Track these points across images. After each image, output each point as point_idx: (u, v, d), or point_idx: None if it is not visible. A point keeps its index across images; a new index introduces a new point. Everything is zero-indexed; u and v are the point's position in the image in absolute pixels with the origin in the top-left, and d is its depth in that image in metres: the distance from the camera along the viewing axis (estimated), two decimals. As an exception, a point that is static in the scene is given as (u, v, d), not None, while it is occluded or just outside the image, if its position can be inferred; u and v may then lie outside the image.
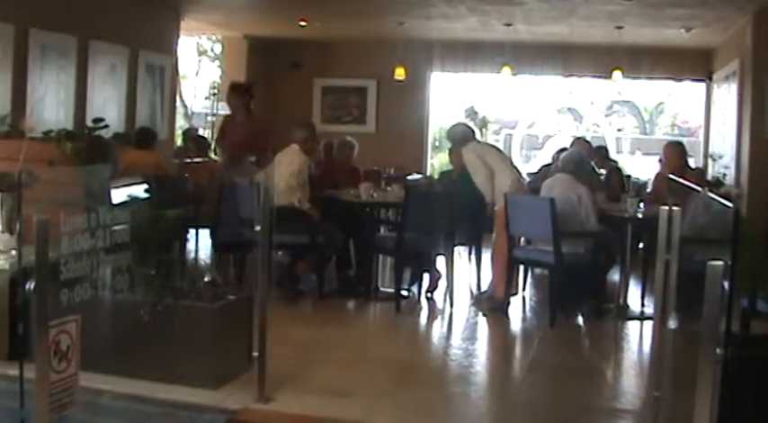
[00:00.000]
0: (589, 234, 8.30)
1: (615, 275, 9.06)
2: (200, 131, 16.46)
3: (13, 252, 6.15)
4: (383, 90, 16.83)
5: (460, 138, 9.13)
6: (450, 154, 10.12)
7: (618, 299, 8.73)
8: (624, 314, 8.53)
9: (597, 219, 8.40)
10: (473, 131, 9.37)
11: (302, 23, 14.26)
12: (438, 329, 8.43)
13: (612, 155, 14.72)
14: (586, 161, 8.88)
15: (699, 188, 7.62)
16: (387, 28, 14.13)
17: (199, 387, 5.68)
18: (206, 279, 6.37)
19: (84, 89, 11.19)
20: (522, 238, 8.96)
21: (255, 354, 5.73)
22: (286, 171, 8.70)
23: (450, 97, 20.59)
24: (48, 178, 6.00)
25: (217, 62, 18.93)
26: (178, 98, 13.92)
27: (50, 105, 10.55)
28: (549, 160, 12.53)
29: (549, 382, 6.57)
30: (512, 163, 9.48)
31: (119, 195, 6.50)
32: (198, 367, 5.75)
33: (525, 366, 6.99)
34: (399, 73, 15.44)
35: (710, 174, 13.19)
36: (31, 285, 4.06)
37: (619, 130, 29.48)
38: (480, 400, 6.25)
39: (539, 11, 11.92)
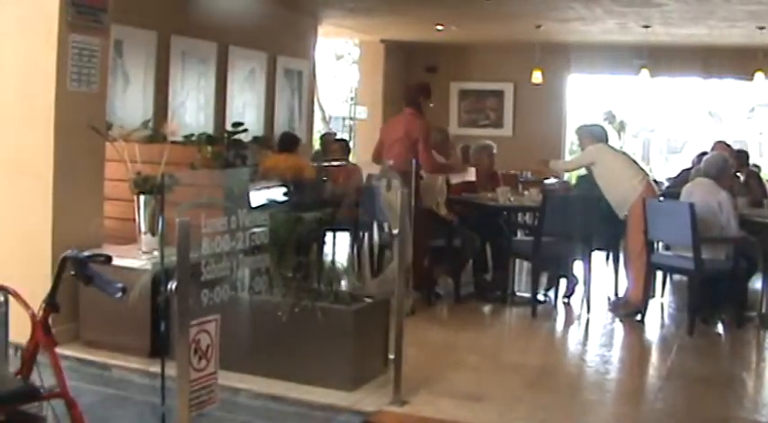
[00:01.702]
0: (730, 240, 8.09)
1: (757, 283, 8.78)
2: (339, 135, 16.59)
3: (156, 253, 6.32)
4: (520, 93, 16.72)
5: (588, 136, 9.00)
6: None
7: (760, 307, 8.48)
8: (766, 323, 8.28)
9: (738, 224, 8.18)
10: (606, 134, 9.22)
11: (439, 27, 14.27)
12: (574, 335, 8.33)
13: (754, 159, 14.29)
14: (729, 165, 8.65)
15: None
16: (523, 31, 14.02)
17: (334, 388, 5.73)
18: (343, 281, 6.42)
19: (224, 94, 11.40)
20: (661, 244, 8.79)
21: (391, 356, 5.76)
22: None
23: (587, 100, 20.33)
24: (189, 181, 6.14)
25: (354, 66, 19.05)
26: (316, 102, 14.07)
27: (191, 110, 10.78)
28: (688, 164, 12.24)
29: (686, 392, 6.42)
30: (640, 167, 9.27)
31: (258, 198, 6.62)
32: (334, 369, 5.81)
33: (662, 374, 6.84)
34: (536, 76, 15.32)
35: None
36: (172, 285, 4.14)
37: (760, 133, 28.68)
38: (616, 407, 6.15)
39: (677, 12, 11.66)
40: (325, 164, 10.90)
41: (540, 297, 8.85)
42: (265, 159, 9.73)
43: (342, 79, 23.34)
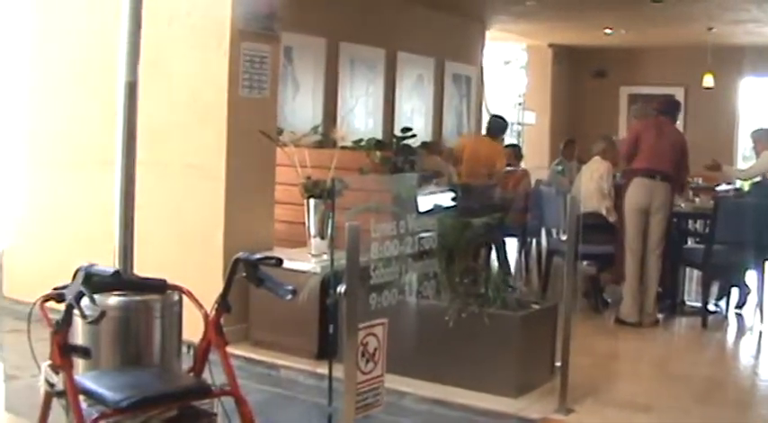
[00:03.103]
0: None
1: None
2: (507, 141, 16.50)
3: (325, 256, 6.39)
4: (691, 97, 16.27)
5: (765, 140, 8.69)
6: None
7: None
8: None
9: None
10: None
11: (607, 31, 14.05)
12: (746, 347, 8.05)
13: None
14: None
15: None
16: (694, 34, 13.67)
17: (499, 395, 5.69)
18: (511, 287, 6.38)
19: (392, 99, 11.48)
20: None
21: (558, 364, 5.68)
22: (591, 180, 8.62)
23: (762, 104, 19.63)
24: (358, 186, 6.19)
25: (522, 71, 18.90)
26: (484, 108, 14.02)
27: (360, 115, 10.90)
28: None
29: None
30: None
31: (426, 203, 6.64)
32: (499, 375, 5.76)
33: (844, 390, 6.56)
34: (707, 80, 14.90)
35: None
36: (341, 289, 4.19)
37: None
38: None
39: None
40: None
41: (711, 307, 8.59)
42: (465, 142, 9.78)
43: (509, 84, 23.19)
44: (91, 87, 7.26)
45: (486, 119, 12.41)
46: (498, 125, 10.62)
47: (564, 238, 5.67)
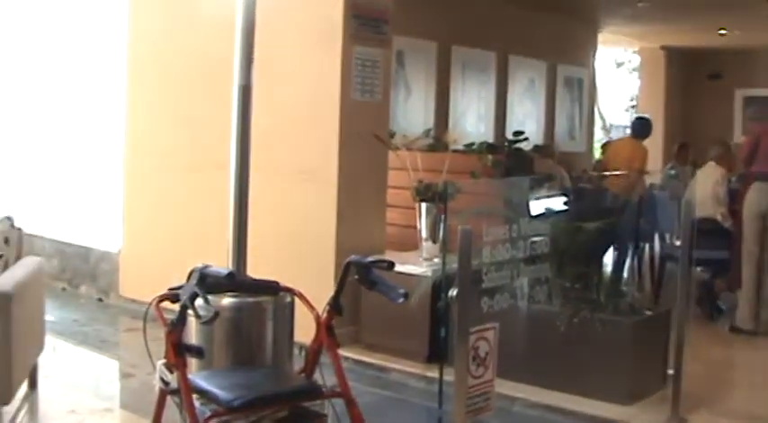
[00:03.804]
0: None
1: None
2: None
3: (436, 259, 6.39)
4: (812, 100, 15.88)
5: None
6: None
7: None
8: None
9: None
10: None
11: (722, 32, 13.77)
12: None
13: None
14: None
15: None
16: (815, 34, 13.33)
17: (610, 402, 5.60)
18: (624, 293, 6.28)
19: (504, 103, 11.43)
20: None
21: (670, 372, 5.57)
22: (706, 186, 8.45)
23: None
24: (470, 190, 6.17)
25: (634, 74, 18.68)
26: (596, 111, 13.88)
27: (471, 119, 10.88)
28: None
29: None
30: None
31: (537, 207, 6.59)
32: (611, 382, 5.67)
33: None
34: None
35: None
36: (453, 292, 4.18)
37: None
38: None
39: None
40: (607, 173, 10.71)
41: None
42: (612, 144, 9.68)
43: (621, 87, 22.92)
44: (207, 91, 7.37)
45: (598, 123, 12.30)
46: (641, 126, 10.49)
47: (677, 243, 5.55)
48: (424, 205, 6.65)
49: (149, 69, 8.24)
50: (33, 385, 5.70)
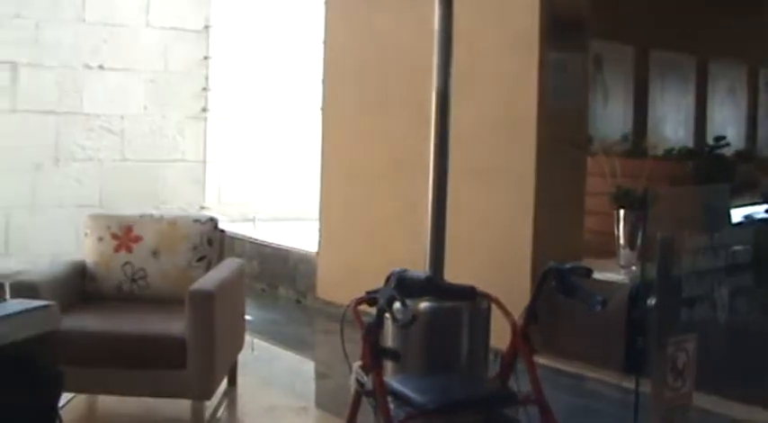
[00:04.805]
0: None
1: None
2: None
3: (633, 267, 6.28)
4: None
5: None
6: None
7: None
8: None
9: None
10: None
11: None
12: None
13: None
14: None
15: None
16: None
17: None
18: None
19: (704, 107, 11.13)
20: None
21: None
22: None
23: None
24: (669, 196, 6.04)
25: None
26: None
27: (670, 124, 10.64)
28: None
29: None
30: None
31: (739, 214, 6.38)
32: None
33: None
34: None
35: None
36: (651, 301, 4.10)
37: None
38: None
39: None
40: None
41: None
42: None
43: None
44: (402, 97, 7.47)
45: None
46: None
47: None
48: (621, 212, 6.55)
49: (345, 75, 8.40)
50: (233, 382, 5.90)
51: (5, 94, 10.13)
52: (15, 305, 3.63)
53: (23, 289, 4.95)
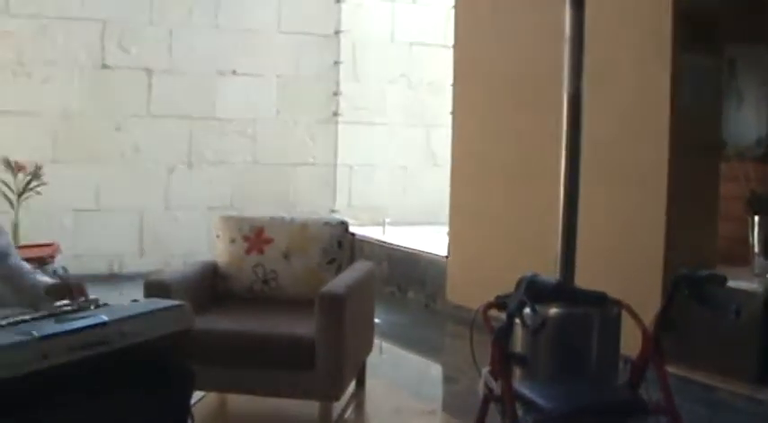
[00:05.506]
0: None
1: None
2: None
3: (768, 275, 6.14)
4: None
5: None
6: None
7: None
8: None
9: None
10: None
11: None
12: None
13: None
14: None
15: None
16: None
17: None
18: None
19: None
20: None
21: None
22: None
23: None
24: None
25: None
26: None
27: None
28: None
29: None
30: None
31: None
32: None
33: None
34: None
35: None
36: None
37: None
38: None
39: None
40: None
41: None
42: None
43: None
44: (532, 100, 7.43)
45: None
46: None
47: None
48: (756, 218, 6.40)
49: (475, 79, 8.41)
50: (361, 384, 5.94)
51: (141, 100, 10.41)
52: (148, 304, 3.71)
53: (156, 288, 5.09)
